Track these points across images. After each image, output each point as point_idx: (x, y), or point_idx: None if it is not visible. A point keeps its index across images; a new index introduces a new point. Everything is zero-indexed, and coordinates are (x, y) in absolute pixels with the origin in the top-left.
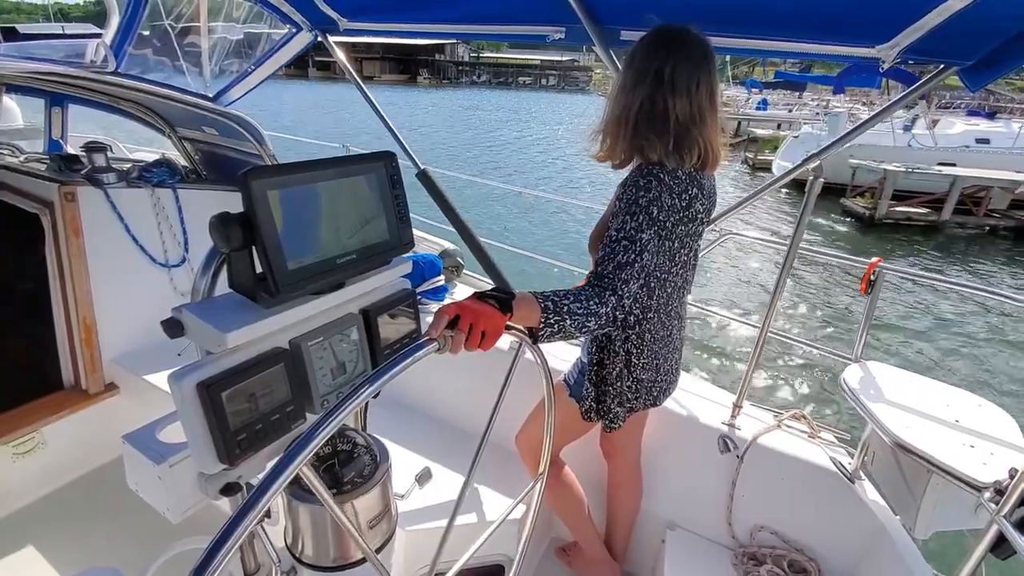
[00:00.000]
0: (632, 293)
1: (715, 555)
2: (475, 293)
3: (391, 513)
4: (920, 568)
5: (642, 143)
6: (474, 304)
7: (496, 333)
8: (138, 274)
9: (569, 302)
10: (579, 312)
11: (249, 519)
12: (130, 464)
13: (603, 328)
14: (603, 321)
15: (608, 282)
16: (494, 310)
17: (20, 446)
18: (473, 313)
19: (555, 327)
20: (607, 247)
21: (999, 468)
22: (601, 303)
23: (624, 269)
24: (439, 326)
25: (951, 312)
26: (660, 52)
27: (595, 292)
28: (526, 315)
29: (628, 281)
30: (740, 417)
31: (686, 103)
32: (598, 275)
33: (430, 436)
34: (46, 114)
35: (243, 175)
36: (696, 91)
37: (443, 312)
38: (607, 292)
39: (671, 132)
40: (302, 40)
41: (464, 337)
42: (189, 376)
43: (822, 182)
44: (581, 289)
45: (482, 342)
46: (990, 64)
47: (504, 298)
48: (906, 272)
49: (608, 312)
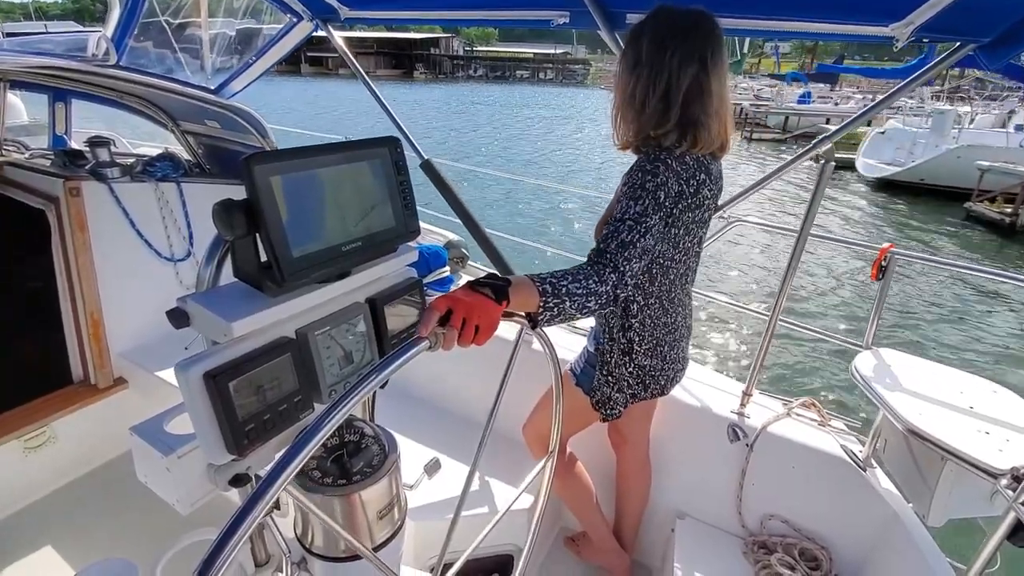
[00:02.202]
0: (634, 272)
1: (725, 544)
2: (469, 282)
3: (400, 503)
4: (934, 556)
5: (649, 126)
6: (467, 296)
7: (491, 327)
8: (144, 268)
9: (568, 283)
10: (579, 292)
11: (258, 510)
12: (139, 456)
13: (603, 307)
14: (603, 300)
15: (609, 259)
16: (488, 301)
17: (31, 440)
18: (466, 307)
19: (555, 310)
20: (611, 226)
21: (1016, 454)
22: (601, 281)
23: (627, 248)
24: (429, 323)
25: (965, 298)
26: (667, 35)
27: (595, 270)
28: (524, 301)
29: (631, 260)
30: (750, 406)
31: (694, 87)
32: (599, 251)
33: (438, 427)
34: (49, 110)
35: (245, 160)
36: (705, 75)
37: (433, 307)
38: (607, 270)
39: (677, 115)
40: (303, 30)
41: (456, 333)
42: (195, 366)
43: (832, 166)
44: (580, 268)
45: (476, 337)
46: (1008, 41)
47: (500, 285)
48: (918, 257)
49: (608, 290)
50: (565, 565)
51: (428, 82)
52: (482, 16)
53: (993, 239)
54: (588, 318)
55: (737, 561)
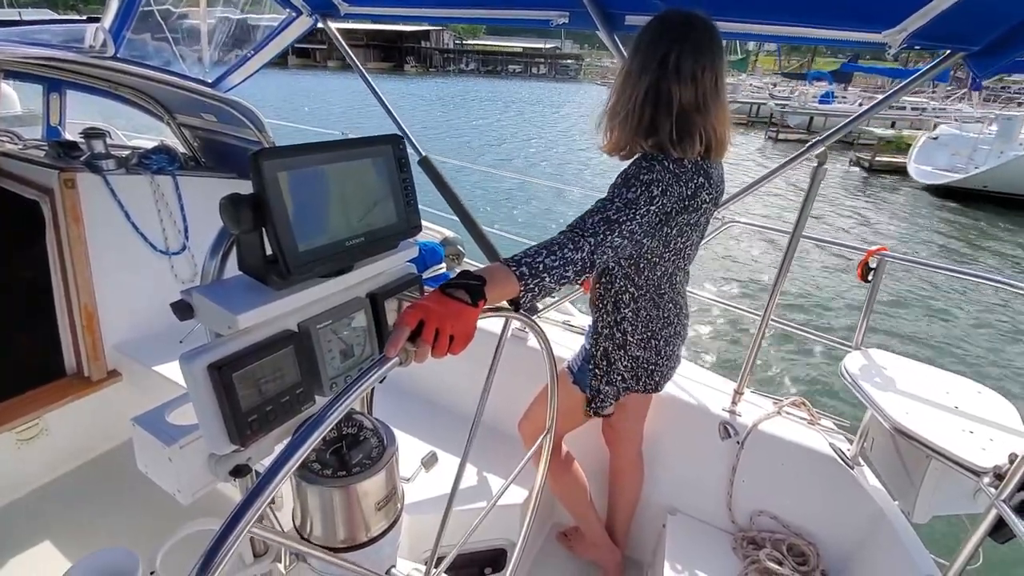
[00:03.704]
0: (614, 246)
1: (715, 539)
2: (441, 286)
3: (397, 496)
4: (918, 552)
5: (646, 131)
6: (439, 305)
7: (467, 335)
8: (139, 261)
9: (543, 257)
10: (555, 265)
11: (262, 499)
12: (140, 446)
13: (580, 275)
14: (579, 267)
15: (589, 228)
16: (463, 306)
17: (23, 433)
18: (439, 316)
19: (535, 290)
20: (597, 204)
21: (998, 453)
22: (576, 248)
23: (610, 224)
24: (398, 341)
25: (953, 300)
26: (665, 38)
27: (569, 238)
28: (501, 292)
29: (611, 234)
30: (741, 404)
31: (691, 90)
32: (579, 220)
33: (436, 421)
34: (44, 100)
35: (253, 156)
36: (701, 77)
37: (403, 322)
38: (583, 238)
39: (675, 119)
40: (301, 24)
41: (429, 348)
42: (200, 358)
43: (826, 169)
44: (553, 240)
45: (452, 346)
46: (997, 50)
47: (474, 285)
48: (908, 260)
49: (584, 257)
50: (557, 559)
51: (419, 75)
52: (482, 15)
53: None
54: (583, 315)
55: (727, 556)
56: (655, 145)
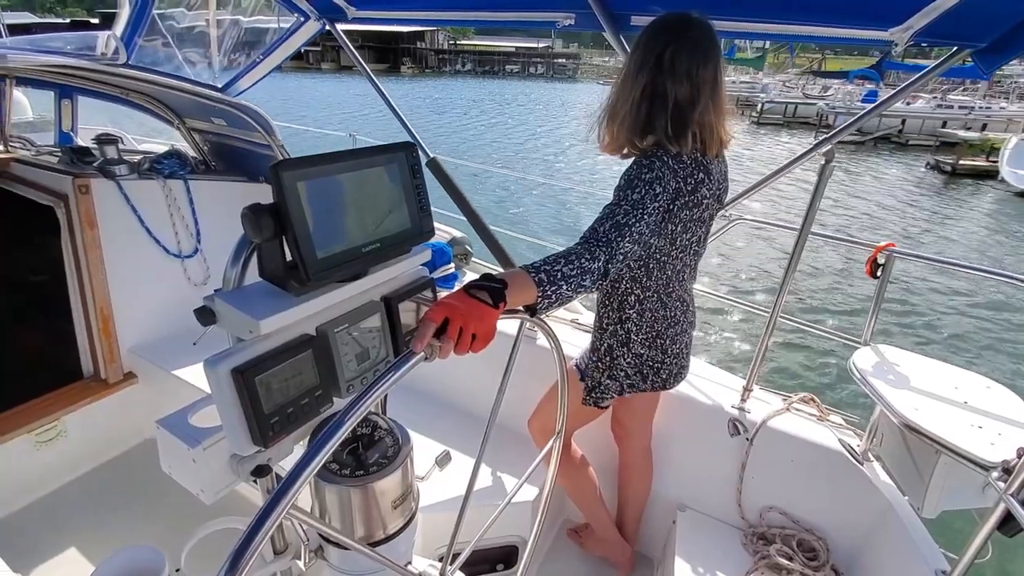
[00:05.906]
0: (626, 252)
1: (725, 535)
2: (465, 286)
3: (412, 494)
4: (927, 546)
5: (644, 128)
6: (463, 304)
7: (488, 335)
8: (152, 265)
9: (562, 266)
10: (573, 274)
11: (288, 498)
12: (164, 448)
13: (596, 283)
14: (595, 277)
15: (602, 237)
16: (485, 307)
17: (42, 435)
18: (463, 315)
19: (552, 297)
20: (606, 209)
21: (1007, 448)
22: (593, 258)
23: (621, 229)
24: (425, 336)
25: (962, 296)
26: (661, 38)
27: (586, 248)
28: (521, 296)
29: (623, 239)
30: (750, 401)
31: (686, 88)
32: (592, 230)
33: (449, 421)
34: (56, 107)
35: (273, 167)
36: (696, 75)
37: (429, 319)
38: (598, 248)
39: (670, 117)
40: (310, 29)
41: (452, 345)
42: (223, 362)
43: (834, 166)
44: (572, 249)
45: (473, 344)
46: (1002, 47)
47: (496, 288)
48: (916, 255)
49: (600, 267)
50: (568, 556)
51: (415, 76)
52: (488, 17)
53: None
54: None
55: (737, 552)
56: (653, 143)
